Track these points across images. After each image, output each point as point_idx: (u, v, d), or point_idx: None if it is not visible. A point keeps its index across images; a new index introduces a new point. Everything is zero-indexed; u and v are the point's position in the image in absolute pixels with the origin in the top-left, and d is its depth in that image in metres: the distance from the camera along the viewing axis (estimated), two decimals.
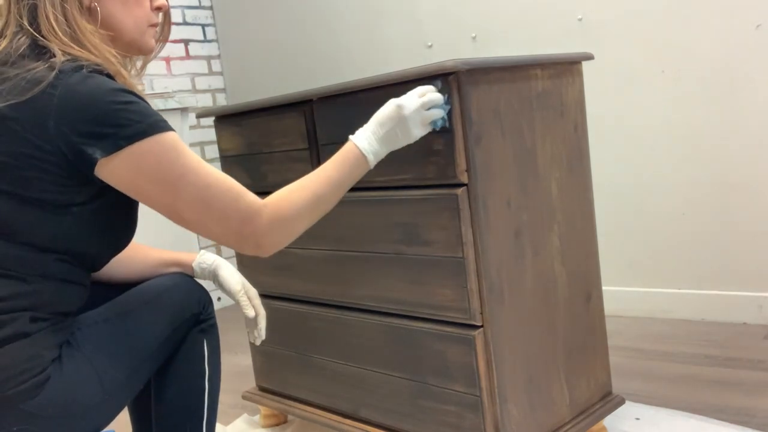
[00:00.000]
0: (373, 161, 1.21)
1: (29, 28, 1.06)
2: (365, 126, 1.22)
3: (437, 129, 1.26)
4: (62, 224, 1.04)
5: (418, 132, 1.23)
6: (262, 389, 1.89)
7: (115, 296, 1.19)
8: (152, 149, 1.01)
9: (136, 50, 1.19)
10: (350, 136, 1.21)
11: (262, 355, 1.84)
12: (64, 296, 1.08)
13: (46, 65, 1.01)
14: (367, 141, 1.20)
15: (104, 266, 1.26)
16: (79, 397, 1.05)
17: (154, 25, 1.20)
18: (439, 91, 1.25)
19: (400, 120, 1.21)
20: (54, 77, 0.99)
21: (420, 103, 1.22)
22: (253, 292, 1.36)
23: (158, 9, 1.20)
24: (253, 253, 1.10)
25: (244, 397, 1.91)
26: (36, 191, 1.01)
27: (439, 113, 1.24)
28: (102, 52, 1.08)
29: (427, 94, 1.23)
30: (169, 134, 1.04)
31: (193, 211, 1.05)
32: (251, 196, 1.08)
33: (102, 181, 1.04)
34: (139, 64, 1.28)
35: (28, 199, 1.02)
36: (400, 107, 1.21)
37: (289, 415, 1.85)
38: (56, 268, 1.06)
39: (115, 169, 1.01)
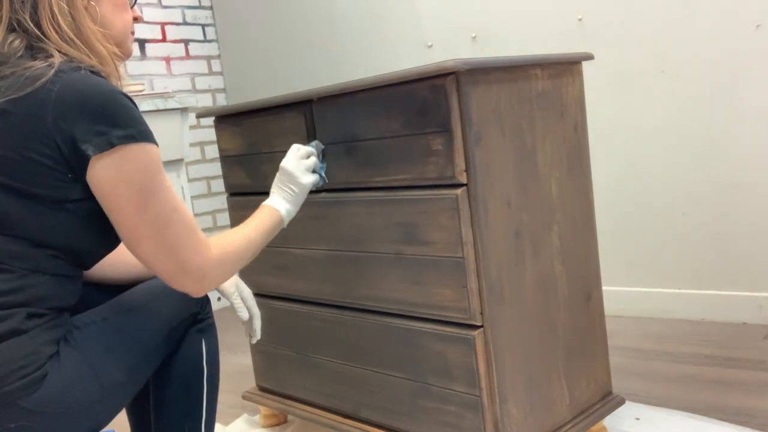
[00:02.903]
0: (285, 217, 1.35)
1: (28, 23, 1.06)
2: (270, 195, 1.38)
3: (319, 183, 1.44)
4: (57, 220, 1.05)
5: (306, 180, 1.39)
6: (262, 389, 1.89)
7: (111, 298, 1.19)
8: (140, 155, 1.04)
9: (120, 54, 1.22)
10: (262, 203, 1.36)
11: (262, 355, 1.84)
12: (58, 291, 1.08)
13: (45, 64, 1.03)
14: (276, 203, 1.35)
15: (97, 266, 1.27)
16: (78, 394, 1.05)
17: (132, 33, 1.25)
18: (315, 147, 1.46)
19: (288, 176, 1.38)
20: (53, 74, 1.01)
21: (297, 156, 1.40)
22: (247, 292, 1.37)
23: (135, 19, 1.26)
24: (188, 289, 1.11)
25: (244, 397, 1.91)
26: (33, 186, 1.02)
27: (315, 161, 1.42)
28: (101, 49, 1.11)
29: (302, 147, 1.43)
30: (156, 148, 1.07)
31: (152, 230, 1.05)
32: (202, 233, 1.12)
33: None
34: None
35: (25, 193, 1.02)
36: (283, 168, 1.39)
37: (289, 415, 1.85)
38: (49, 264, 1.06)
39: (102, 169, 1.02)
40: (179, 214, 1.07)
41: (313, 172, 1.42)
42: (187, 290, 1.11)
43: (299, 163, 1.39)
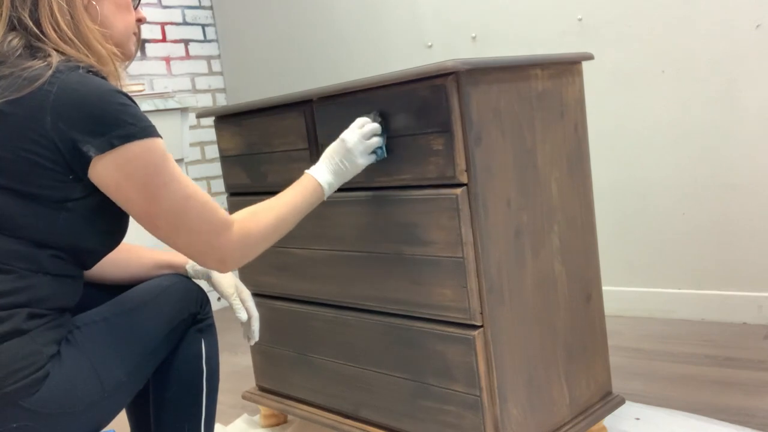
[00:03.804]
0: (327, 191, 1.30)
1: (27, 21, 1.06)
2: (318, 162, 1.32)
3: (378, 158, 1.36)
4: (57, 220, 1.05)
5: (362, 161, 1.34)
6: (262, 389, 1.89)
7: (111, 298, 1.19)
8: (143, 153, 1.03)
9: (120, 54, 1.21)
10: (306, 171, 1.30)
11: (262, 355, 1.84)
12: (59, 291, 1.08)
13: (44, 63, 1.03)
14: (321, 173, 1.30)
15: (97, 266, 1.27)
16: (79, 394, 1.05)
17: (135, 34, 1.24)
18: (375, 121, 1.36)
19: (345, 152, 1.32)
20: (51, 75, 1.01)
21: (361, 134, 1.33)
22: (246, 293, 1.37)
23: (139, 21, 1.25)
24: (213, 268, 1.13)
25: (244, 397, 1.91)
26: (32, 186, 1.02)
27: (378, 141, 1.35)
28: (99, 49, 1.10)
29: (366, 125, 1.34)
30: (159, 141, 1.06)
31: (168, 219, 1.07)
32: (223, 212, 1.12)
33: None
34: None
35: (25, 193, 1.02)
36: (343, 141, 1.32)
37: (289, 415, 1.85)
38: (50, 264, 1.06)
39: (104, 169, 1.03)
40: (194, 200, 1.08)
41: (372, 152, 1.35)
42: (212, 269, 1.13)
43: (361, 142, 1.32)
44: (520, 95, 1.36)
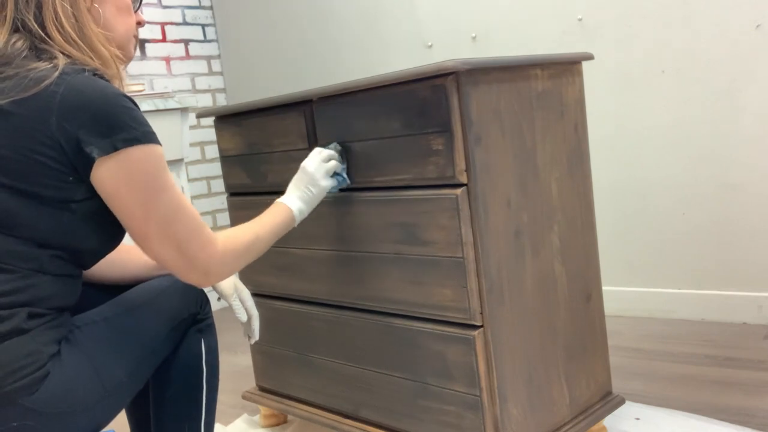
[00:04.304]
0: (298, 217, 1.35)
1: (32, 23, 1.07)
2: (286, 192, 1.39)
3: (340, 185, 1.45)
4: (60, 220, 1.05)
5: (325, 183, 1.40)
6: (262, 389, 1.89)
7: (111, 298, 1.20)
8: (144, 157, 1.05)
9: (121, 57, 1.22)
10: (276, 200, 1.36)
11: (262, 355, 1.84)
12: (59, 291, 1.08)
13: (50, 65, 1.04)
14: (291, 201, 1.36)
15: (97, 266, 1.28)
16: (79, 393, 1.05)
17: (135, 37, 1.25)
18: (335, 149, 1.45)
19: (308, 178, 1.39)
20: (57, 76, 1.02)
21: (319, 159, 1.41)
22: (246, 293, 1.38)
23: (139, 24, 1.26)
24: (196, 281, 1.14)
25: (244, 397, 1.91)
26: (35, 186, 1.03)
27: (336, 165, 1.42)
28: (103, 51, 1.11)
29: (323, 151, 1.43)
30: (159, 148, 1.08)
31: (158, 228, 1.07)
32: (209, 229, 1.14)
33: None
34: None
35: (28, 193, 1.03)
36: (304, 168, 1.40)
37: (289, 415, 1.85)
38: (50, 264, 1.07)
39: (106, 171, 1.03)
40: (184, 212, 1.09)
41: (334, 175, 1.43)
42: (193, 283, 1.14)
43: (320, 166, 1.40)
44: (520, 95, 1.36)
